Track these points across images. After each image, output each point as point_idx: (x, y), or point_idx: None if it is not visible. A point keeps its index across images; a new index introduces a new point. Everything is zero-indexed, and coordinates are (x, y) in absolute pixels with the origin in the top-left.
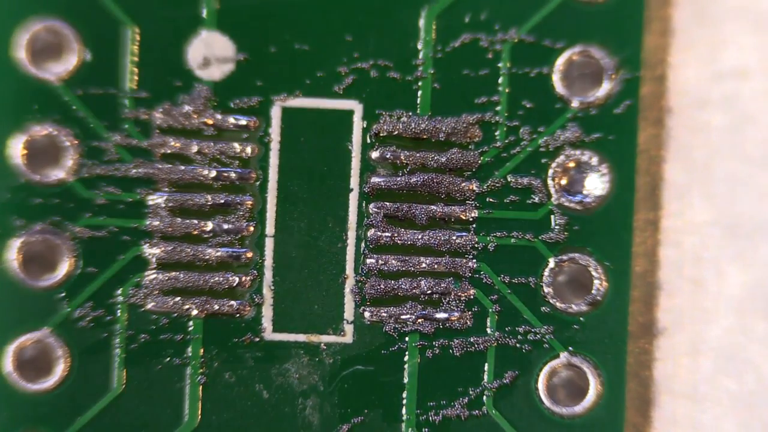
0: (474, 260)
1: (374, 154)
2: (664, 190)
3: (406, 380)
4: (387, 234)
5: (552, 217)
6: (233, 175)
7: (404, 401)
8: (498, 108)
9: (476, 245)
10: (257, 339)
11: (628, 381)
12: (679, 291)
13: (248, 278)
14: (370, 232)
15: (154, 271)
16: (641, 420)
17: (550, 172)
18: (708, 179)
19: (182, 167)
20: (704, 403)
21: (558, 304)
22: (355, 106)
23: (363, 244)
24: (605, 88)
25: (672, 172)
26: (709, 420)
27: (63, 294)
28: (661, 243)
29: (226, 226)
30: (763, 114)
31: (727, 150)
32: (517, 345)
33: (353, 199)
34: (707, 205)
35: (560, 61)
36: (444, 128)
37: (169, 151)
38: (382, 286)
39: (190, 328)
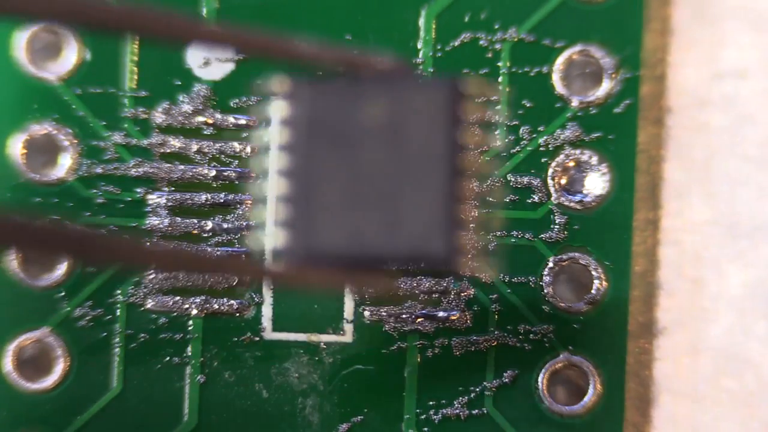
0: (474, 260)
1: None
2: (664, 189)
3: (406, 380)
4: None
5: (552, 216)
6: (233, 174)
7: (404, 400)
8: (498, 107)
9: (476, 244)
10: (257, 338)
11: (627, 380)
12: (679, 290)
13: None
14: None
15: (154, 270)
16: (641, 419)
17: (550, 171)
18: (708, 179)
19: (182, 166)
20: (704, 402)
21: (558, 304)
22: None
23: None
24: (605, 88)
25: (672, 171)
26: (709, 420)
27: (62, 293)
28: (661, 242)
29: (225, 226)
30: (763, 114)
31: (726, 150)
32: (517, 344)
33: None
34: (707, 204)
35: (560, 61)
36: None
37: (168, 151)
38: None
39: (190, 328)
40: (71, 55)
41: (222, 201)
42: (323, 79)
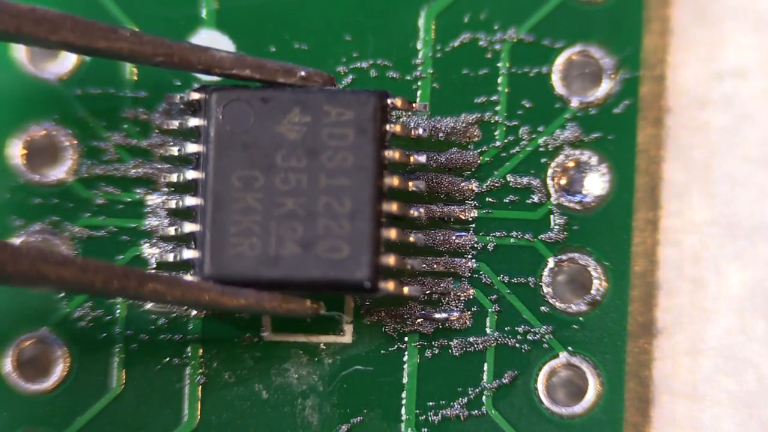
0: (473, 260)
1: None
2: (664, 189)
3: (405, 380)
4: None
5: (551, 216)
6: None
7: (403, 401)
8: (497, 108)
9: (476, 245)
10: (256, 339)
11: (627, 381)
12: (679, 291)
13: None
14: None
15: (153, 271)
16: (641, 419)
17: (550, 171)
18: (707, 179)
19: (181, 167)
20: (704, 402)
21: (557, 304)
22: None
23: None
24: (605, 88)
25: (671, 171)
26: (708, 419)
27: (62, 294)
28: (661, 242)
29: None
30: (763, 114)
31: (726, 150)
32: (517, 345)
33: None
34: (707, 204)
35: (560, 61)
36: (443, 128)
37: (167, 154)
38: None
39: (190, 328)
40: (71, 55)
41: None
42: (238, 90)
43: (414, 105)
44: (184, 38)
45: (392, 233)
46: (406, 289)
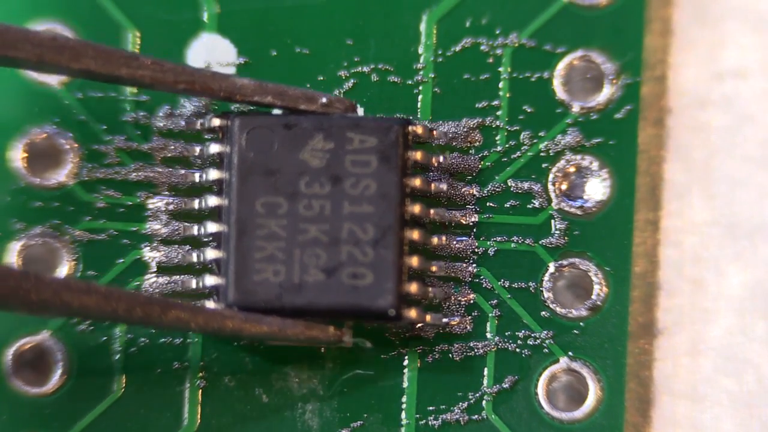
0: (474, 265)
1: None
2: (664, 190)
3: (405, 385)
4: None
5: (552, 221)
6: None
7: (404, 406)
8: (499, 112)
9: (476, 250)
10: (257, 343)
11: (627, 381)
12: (679, 291)
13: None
14: None
15: (154, 274)
16: (641, 420)
17: (551, 176)
18: (708, 179)
19: (182, 171)
20: (704, 403)
21: (558, 309)
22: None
23: None
24: (606, 93)
25: (672, 172)
26: (709, 420)
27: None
28: (661, 243)
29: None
30: (763, 114)
31: (726, 150)
32: (517, 350)
33: None
34: (707, 205)
35: (561, 66)
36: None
37: (169, 155)
38: None
39: None
40: None
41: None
42: (260, 116)
43: (434, 132)
44: (186, 42)
45: (414, 261)
46: (428, 317)
